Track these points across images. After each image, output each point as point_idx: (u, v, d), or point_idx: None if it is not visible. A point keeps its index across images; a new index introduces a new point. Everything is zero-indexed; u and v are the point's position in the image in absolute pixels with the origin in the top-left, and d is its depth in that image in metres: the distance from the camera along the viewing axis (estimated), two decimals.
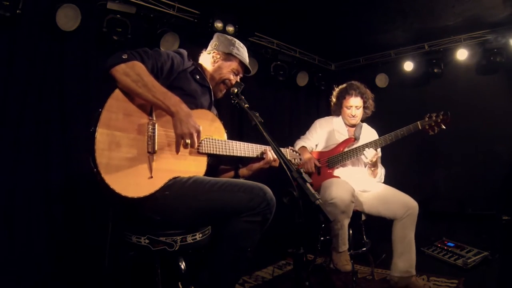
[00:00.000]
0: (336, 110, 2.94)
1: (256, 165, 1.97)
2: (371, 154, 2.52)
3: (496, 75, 4.20)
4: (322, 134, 2.91)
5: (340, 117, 2.92)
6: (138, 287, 1.89)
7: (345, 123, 2.88)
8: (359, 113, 2.79)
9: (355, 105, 2.77)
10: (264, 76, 4.25)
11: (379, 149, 2.61)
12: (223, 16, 3.21)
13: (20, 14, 2.27)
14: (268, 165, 1.94)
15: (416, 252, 2.39)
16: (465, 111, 4.13)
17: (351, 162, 2.72)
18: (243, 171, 2.01)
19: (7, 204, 2.31)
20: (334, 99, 2.95)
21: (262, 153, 1.94)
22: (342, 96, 2.85)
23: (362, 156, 2.58)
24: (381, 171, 2.71)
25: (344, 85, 2.91)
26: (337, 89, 2.96)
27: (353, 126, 2.85)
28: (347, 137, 2.81)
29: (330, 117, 3.01)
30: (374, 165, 2.61)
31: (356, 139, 2.75)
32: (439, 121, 2.49)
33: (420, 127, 2.52)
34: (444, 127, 2.50)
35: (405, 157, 4.46)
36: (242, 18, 3.36)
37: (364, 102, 2.80)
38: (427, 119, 2.53)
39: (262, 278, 2.83)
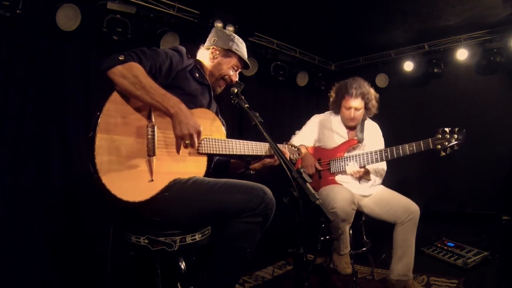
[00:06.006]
0: (334, 108, 2.70)
1: (268, 161, 1.99)
2: (352, 169, 2.44)
3: (496, 75, 4.20)
4: (319, 131, 2.74)
5: (339, 116, 2.69)
6: (138, 287, 1.88)
7: (344, 124, 2.68)
8: (358, 114, 2.56)
9: (354, 106, 2.53)
10: (264, 76, 4.25)
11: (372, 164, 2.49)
12: (223, 16, 3.21)
13: (20, 14, 2.27)
14: (277, 163, 1.93)
15: (416, 252, 2.38)
16: (465, 111, 4.13)
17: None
18: (254, 165, 2.01)
19: (7, 204, 2.30)
20: (333, 95, 2.70)
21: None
22: (341, 95, 2.60)
23: (346, 167, 2.49)
24: (373, 177, 2.59)
25: (346, 81, 2.62)
26: (337, 84, 2.70)
27: (352, 128, 2.67)
28: (347, 139, 2.64)
29: (329, 113, 2.79)
30: (359, 178, 2.53)
31: (359, 141, 2.59)
32: (453, 141, 2.26)
33: (431, 146, 2.31)
34: (457, 148, 2.26)
35: (405, 157, 4.46)
36: (242, 18, 3.36)
37: (366, 104, 2.57)
38: (439, 136, 2.30)
39: (262, 278, 2.83)
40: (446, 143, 2.28)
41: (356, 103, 2.54)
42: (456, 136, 2.27)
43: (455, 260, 2.94)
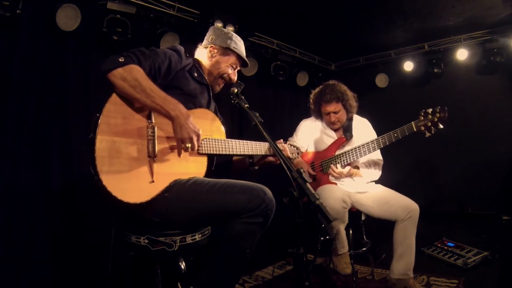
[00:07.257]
0: (316, 116, 2.77)
1: (270, 158, 1.99)
2: (336, 170, 2.46)
3: (496, 75, 4.20)
4: (310, 135, 2.77)
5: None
6: (138, 287, 1.89)
7: (329, 128, 2.73)
8: (339, 116, 2.61)
9: (332, 111, 2.59)
10: (264, 76, 4.26)
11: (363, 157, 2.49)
12: (223, 16, 3.21)
13: (20, 14, 2.27)
14: (278, 162, 1.93)
15: (416, 252, 2.38)
16: (465, 111, 4.13)
17: (346, 164, 2.59)
18: (257, 161, 2.02)
19: (7, 204, 2.30)
20: (312, 104, 2.75)
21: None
22: (318, 103, 2.66)
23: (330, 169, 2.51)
24: (367, 171, 2.61)
25: (319, 88, 2.71)
26: (313, 93, 2.75)
27: (338, 129, 2.71)
28: (336, 138, 2.67)
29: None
30: (349, 176, 2.55)
31: (347, 139, 2.62)
32: (435, 120, 2.27)
33: (415, 129, 2.32)
34: (441, 126, 2.26)
35: (405, 157, 4.46)
36: (242, 18, 3.36)
37: (343, 105, 2.60)
38: (422, 117, 2.32)
39: (262, 278, 2.83)
40: (429, 123, 2.29)
41: (332, 107, 2.60)
42: (438, 114, 2.27)
43: (455, 260, 2.94)
